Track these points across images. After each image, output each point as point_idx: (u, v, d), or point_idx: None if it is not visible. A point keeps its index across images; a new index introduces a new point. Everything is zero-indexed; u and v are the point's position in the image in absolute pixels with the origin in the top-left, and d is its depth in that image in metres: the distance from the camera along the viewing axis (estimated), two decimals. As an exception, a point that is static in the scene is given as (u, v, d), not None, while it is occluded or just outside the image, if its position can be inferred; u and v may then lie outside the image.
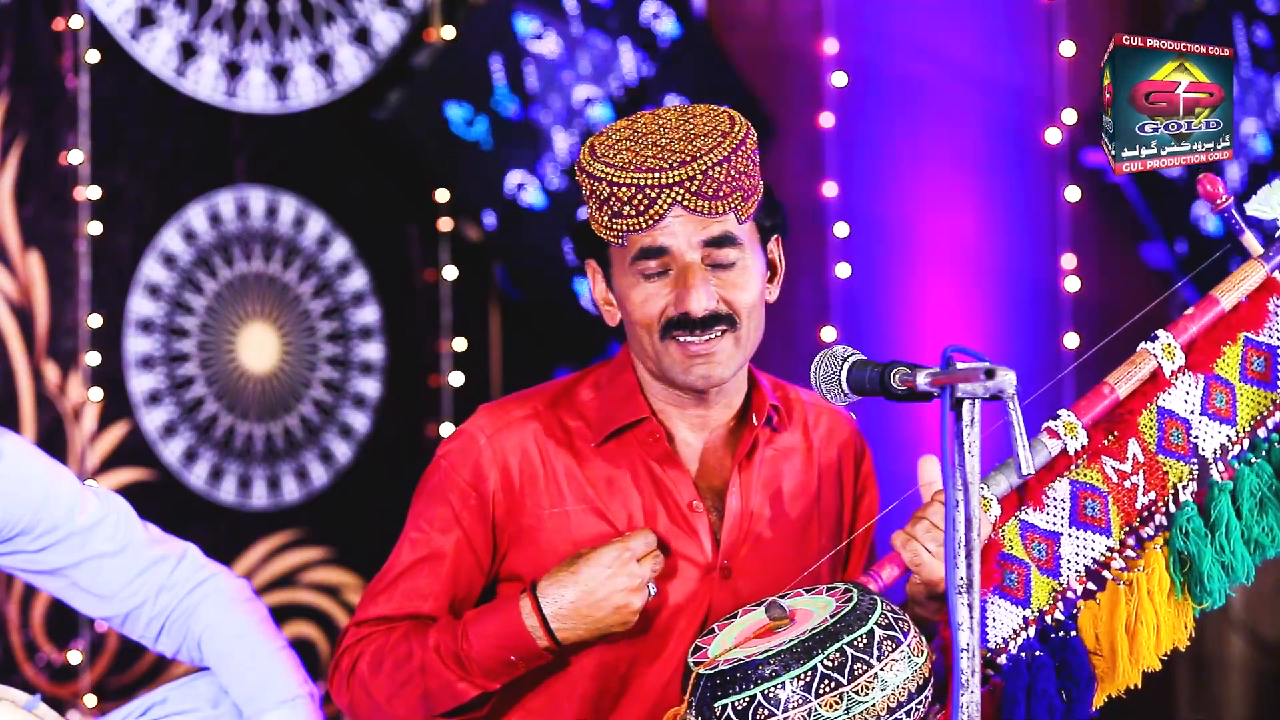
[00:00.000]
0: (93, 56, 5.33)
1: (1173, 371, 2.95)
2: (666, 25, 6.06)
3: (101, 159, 5.35)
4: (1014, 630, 2.90)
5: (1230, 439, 2.98)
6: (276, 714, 3.22)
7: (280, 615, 5.35)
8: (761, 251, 3.02)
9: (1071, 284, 6.40)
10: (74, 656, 5.23)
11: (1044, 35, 6.64)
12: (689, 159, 2.91)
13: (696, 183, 2.90)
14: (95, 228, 5.33)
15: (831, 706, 2.65)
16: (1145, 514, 2.95)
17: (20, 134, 5.25)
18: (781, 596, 2.82)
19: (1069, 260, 6.50)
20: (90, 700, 5.22)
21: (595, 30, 5.95)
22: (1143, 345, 2.97)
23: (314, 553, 5.64)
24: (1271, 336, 2.99)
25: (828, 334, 6.26)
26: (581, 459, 3.06)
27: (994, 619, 2.88)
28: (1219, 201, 2.97)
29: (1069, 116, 6.54)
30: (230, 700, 3.24)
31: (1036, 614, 2.90)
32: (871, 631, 2.69)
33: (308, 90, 5.67)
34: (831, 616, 2.70)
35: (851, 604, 2.72)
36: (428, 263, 5.83)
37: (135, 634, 3.30)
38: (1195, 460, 2.96)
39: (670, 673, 3.01)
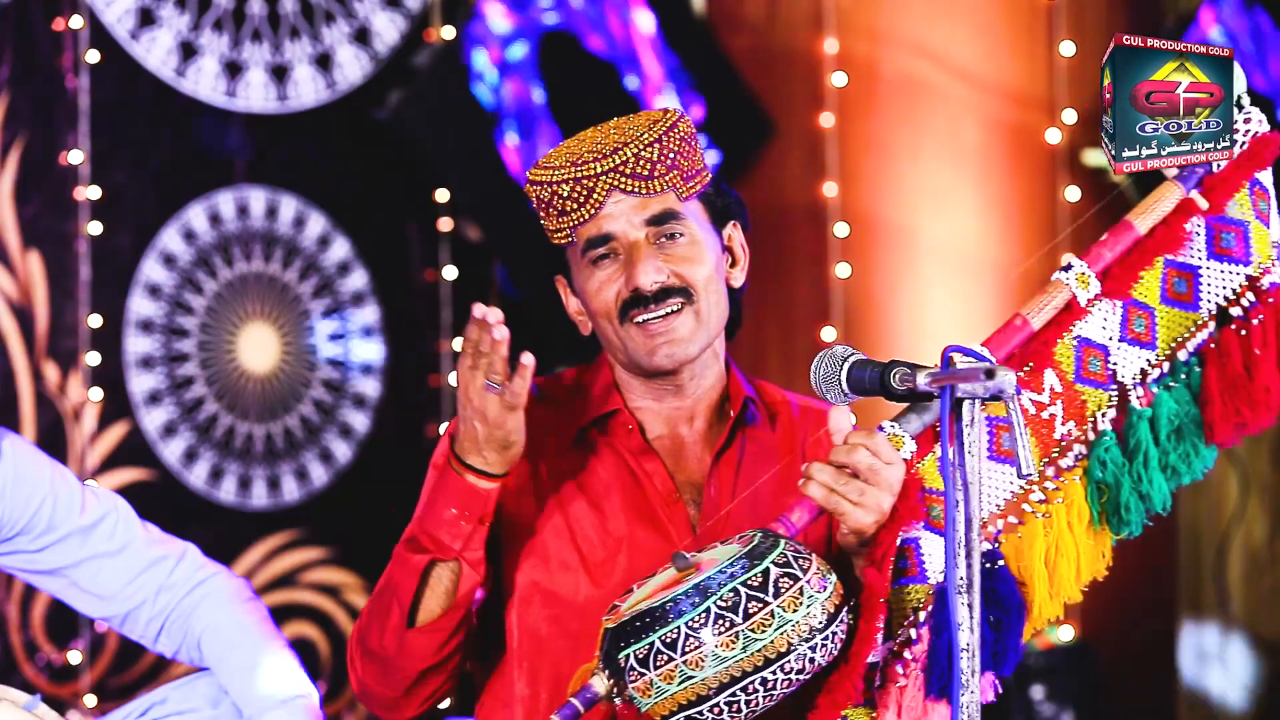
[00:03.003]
0: (93, 56, 5.33)
1: (1088, 299, 2.91)
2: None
3: (101, 159, 5.35)
4: None
5: (1150, 363, 2.93)
6: (276, 714, 3.22)
7: (280, 615, 5.35)
8: (713, 231, 3.05)
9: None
10: (74, 656, 5.23)
11: (1044, 35, 6.65)
12: (621, 145, 2.96)
13: (630, 165, 2.95)
14: (95, 228, 5.33)
15: (728, 646, 2.66)
16: (1064, 444, 2.90)
17: (20, 134, 5.25)
18: (695, 550, 2.83)
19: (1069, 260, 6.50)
20: (90, 700, 5.22)
21: None
22: (1056, 275, 2.93)
23: (314, 553, 5.64)
24: (1192, 257, 2.94)
25: (828, 334, 6.26)
26: (562, 450, 3.09)
27: (929, 554, 2.84)
28: None
29: (1069, 116, 6.54)
30: (230, 700, 3.24)
31: None
32: (767, 570, 2.69)
33: (308, 90, 5.67)
34: (729, 560, 2.71)
35: (750, 546, 2.72)
36: (428, 263, 5.83)
37: (135, 634, 3.31)
38: (1114, 387, 2.91)
39: None
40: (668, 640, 2.67)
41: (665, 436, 3.10)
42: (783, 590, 2.68)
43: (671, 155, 2.98)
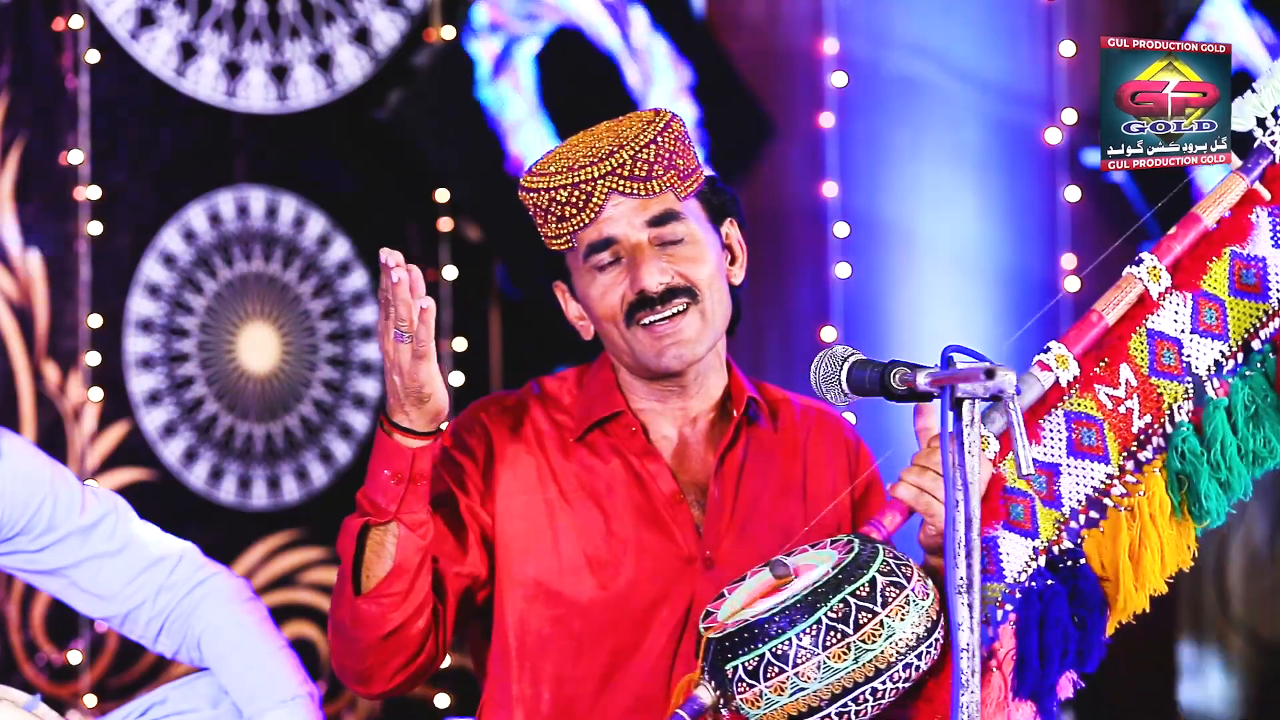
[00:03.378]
0: (93, 56, 5.33)
1: (1160, 293, 2.92)
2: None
3: (101, 159, 5.35)
4: (1026, 562, 2.87)
5: (1224, 354, 2.95)
6: (276, 714, 3.22)
7: (280, 615, 5.36)
8: (713, 229, 3.06)
9: (1071, 284, 6.41)
10: (74, 656, 5.23)
11: (1044, 35, 6.64)
12: (617, 147, 2.96)
13: (627, 167, 2.95)
14: (95, 228, 5.33)
15: (840, 657, 2.65)
16: (1143, 437, 2.92)
17: (20, 134, 5.25)
18: (787, 554, 2.82)
19: (1069, 260, 6.50)
20: (90, 700, 5.22)
21: None
22: (1128, 269, 2.94)
23: (314, 553, 5.64)
24: (1258, 247, 2.96)
25: (828, 334, 6.26)
26: (565, 451, 3.09)
27: (1007, 553, 2.85)
28: None
29: (1069, 116, 6.54)
30: (230, 700, 3.25)
31: (1045, 545, 2.87)
32: (873, 579, 2.68)
33: (308, 90, 5.67)
34: (833, 568, 2.70)
35: (853, 554, 2.71)
36: (428, 263, 5.83)
37: (135, 634, 3.31)
38: (1189, 379, 2.93)
39: (652, 663, 3.01)
40: (778, 652, 2.66)
41: (668, 437, 3.10)
42: (890, 599, 2.68)
43: (668, 155, 2.98)
